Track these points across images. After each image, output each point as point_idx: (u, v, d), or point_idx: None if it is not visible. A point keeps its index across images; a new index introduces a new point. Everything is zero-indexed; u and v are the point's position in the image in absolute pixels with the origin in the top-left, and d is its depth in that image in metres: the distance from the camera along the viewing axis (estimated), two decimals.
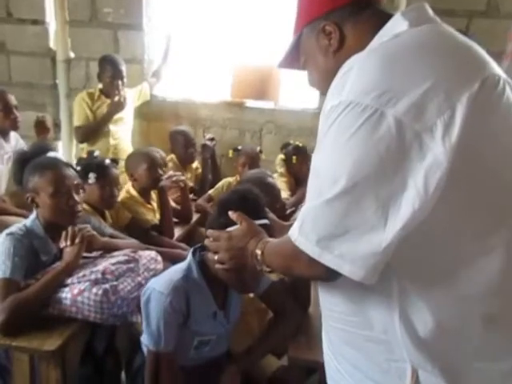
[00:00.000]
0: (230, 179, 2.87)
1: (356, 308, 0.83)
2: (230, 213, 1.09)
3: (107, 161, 2.11)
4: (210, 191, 2.85)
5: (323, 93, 0.93)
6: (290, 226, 1.24)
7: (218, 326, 1.40)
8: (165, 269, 1.87)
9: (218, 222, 1.21)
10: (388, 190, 0.68)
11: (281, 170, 2.95)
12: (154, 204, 2.43)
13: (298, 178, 2.88)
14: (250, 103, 3.27)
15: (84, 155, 2.73)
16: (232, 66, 3.22)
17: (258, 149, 2.98)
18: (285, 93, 3.23)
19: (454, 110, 0.67)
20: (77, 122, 2.90)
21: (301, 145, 2.90)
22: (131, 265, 1.69)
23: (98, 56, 2.92)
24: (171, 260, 2.04)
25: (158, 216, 2.38)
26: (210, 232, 1.10)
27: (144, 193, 2.36)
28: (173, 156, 2.98)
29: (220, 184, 2.86)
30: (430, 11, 0.83)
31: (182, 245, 2.21)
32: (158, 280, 1.36)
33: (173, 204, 2.51)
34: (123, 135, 2.97)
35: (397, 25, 0.80)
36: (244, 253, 1.00)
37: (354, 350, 0.85)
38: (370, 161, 0.68)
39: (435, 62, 0.71)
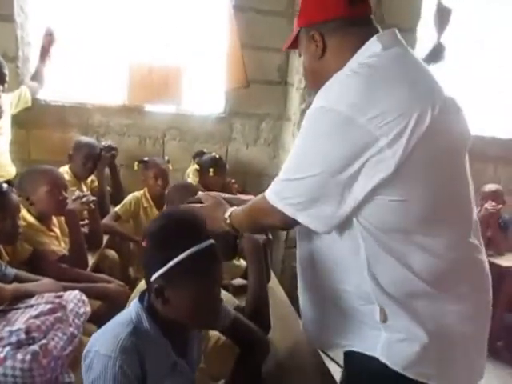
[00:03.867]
0: (137, 194, 2.59)
1: (337, 276, 1.09)
2: (199, 193, 1.34)
3: (4, 185, 1.69)
4: (116, 208, 2.54)
5: (308, 86, 1.33)
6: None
7: (179, 377, 1.17)
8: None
9: (158, 259, 1.02)
10: (348, 177, 0.93)
11: (192, 180, 2.76)
12: (57, 230, 2.05)
13: (211, 190, 2.71)
14: (150, 107, 3.00)
15: None
16: (127, 67, 2.91)
17: (166, 159, 2.75)
18: (188, 96, 3.03)
19: (405, 126, 0.89)
20: None
21: (218, 156, 2.74)
22: (58, 314, 1.39)
23: None
24: (96, 297, 1.75)
25: (63, 244, 2.02)
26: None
27: (44, 218, 1.97)
28: (67, 169, 2.58)
29: (127, 200, 2.56)
30: (399, 35, 1.04)
31: (104, 276, 1.91)
32: (101, 338, 1.05)
33: None
34: (1, 149, 2.46)
35: (372, 46, 1.00)
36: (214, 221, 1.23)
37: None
38: (338, 155, 0.93)
39: (397, 89, 0.93)
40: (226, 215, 1.22)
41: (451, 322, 1.01)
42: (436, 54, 2.20)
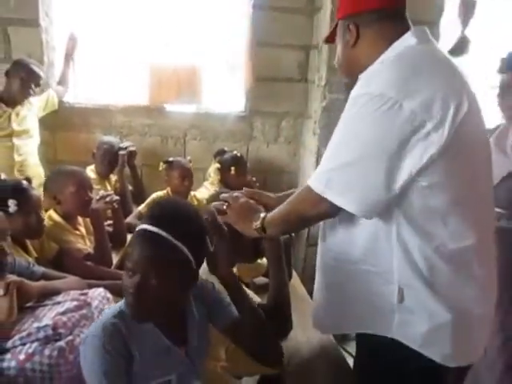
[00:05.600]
0: (161, 193, 2.62)
1: (363, 257, 1.12)
2: (225, 195, 1.35)
3: (24, 182, 1.76)
4: (140, 207, 2.57)
5: (340, 73, 1.28)
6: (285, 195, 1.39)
7: (175, 363, 1.15)
8: None
9: None
10: (394, 160, 0.97)
11: (213, 178, 2.77)
12: (83, 229, 2.10)
13: (231, 189, 2.71)
14: (171, 107, 3.03)
15: None
16: (148, 67, 2.94)
17: (188, 158, 2.78)
18: (209, 95, 3.05)
19: (447, 112, 0.96)
20: None
21: (239, 154, 2.75)
22: (84, 311, 1.41)
23: None
24: (119, 294, 1.78)
25: (88, 243, 2.06)
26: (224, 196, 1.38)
27: (69, 217, 2.02)
28: (93, 167, 2.65)
29: (151, 199, 2.58)
30: (428, 33, 1.12)
31: None
32: (94, 323, 1.17)
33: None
34: (30, 150, 2.54)
35: (408, 40, 1.08)
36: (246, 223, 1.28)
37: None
38: (388, 139, 0.97)
39: (437, 77, 1.01)
40: (258, 221, 1.22)
41: (469, 303, 1.06)
42: (461, 46, 2.15)
